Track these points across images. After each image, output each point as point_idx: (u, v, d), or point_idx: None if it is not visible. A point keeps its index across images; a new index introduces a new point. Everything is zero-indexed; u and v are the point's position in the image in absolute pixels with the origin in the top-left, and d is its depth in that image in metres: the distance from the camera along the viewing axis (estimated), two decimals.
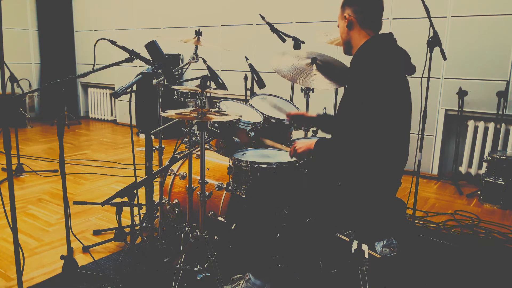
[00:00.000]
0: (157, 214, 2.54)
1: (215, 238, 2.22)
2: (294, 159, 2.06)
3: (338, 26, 1.91)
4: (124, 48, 2.00)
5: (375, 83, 1.67)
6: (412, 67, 1.86)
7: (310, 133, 2.80)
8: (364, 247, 2.20)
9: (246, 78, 3.84)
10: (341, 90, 2.10)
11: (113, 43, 2.01)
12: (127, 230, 2.68)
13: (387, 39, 1.80)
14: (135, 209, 2.69)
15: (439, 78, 4.05)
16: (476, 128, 4.00)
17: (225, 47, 2.53)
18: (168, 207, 2.49)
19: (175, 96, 2.71)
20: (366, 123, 1.67)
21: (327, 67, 2.43)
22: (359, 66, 1.76)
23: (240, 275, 2.07)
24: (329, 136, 2.02)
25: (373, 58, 1.73)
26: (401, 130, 1.81)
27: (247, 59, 2.99)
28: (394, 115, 1.73)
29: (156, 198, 2.54)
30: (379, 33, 1.84)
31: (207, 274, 1.97)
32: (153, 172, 1.79)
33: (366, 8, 1.81)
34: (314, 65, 2.42)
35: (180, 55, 5.89)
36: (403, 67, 1.81)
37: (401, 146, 1.82)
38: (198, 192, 2.00)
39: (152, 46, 1.87)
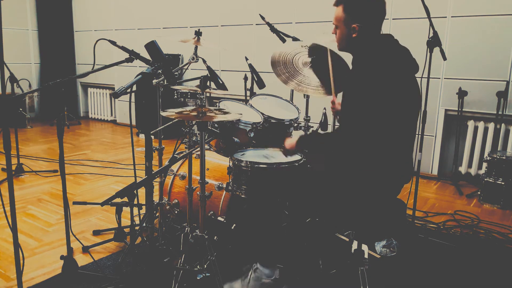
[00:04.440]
0: (157, 214, 2.54)
1: (215, 238, 2.22)
2: (294, 158, 2.07)
3: (337, 28, 1.87)
4: (124, 48, 2.00)
5: (381, 83, 1.66)
6: (415, 66, 1.85)
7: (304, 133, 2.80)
8: (364, 247, 2.20)
9: (246, 78, 3.83)
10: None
11: (113, 43, 2.01)
12: (127, 230, 2.68)
13: (390, 39, 1.80)
14: (135, 209, 2.69)
15: (439, 78, 4.05)
16: (476, 128, 3.99)
17: (225, 47, 2.51)
18: (168, 207, 2.48)
19: (175, 96, 2.70)
20: (370, 122, 1.66)
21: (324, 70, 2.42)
22: (364, 67, 1.74)
23: (248, 266, 2.07)
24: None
25: (379, 59, 1.72)
26: (406, 130, 1.80)
27: (247, 59, 2.99)
28: (399, 115, 1.73)
29: (156, 198, 2.54)
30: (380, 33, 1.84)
31: (207, 274, 1.97)
32: (153, 172, 1.79)
33: (372, 16, 1.77)
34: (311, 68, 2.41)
35: (180, 55, 5.89)
36: (408, 66, 1.80)
37: (405, 146, 1.81)
38: (198, 192, 2.00)
39: (152, 46, 1.86)
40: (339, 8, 1.79)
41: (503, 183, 3.41)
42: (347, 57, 2.05)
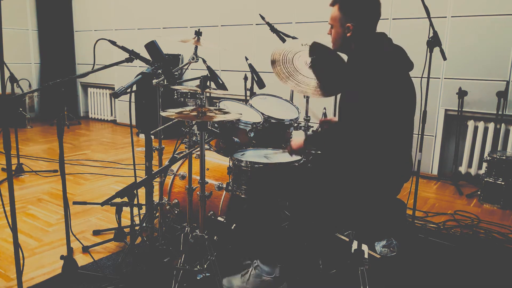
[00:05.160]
0: (157, 214, 2.54)
1: (215, 238, 2.22)
2: (294, 158, 2.07)
3: (332, 28, 1.88)
4: (124, 48, 2.00)
5: (375, 81, 1.66)
6: (410, 64, 1.85)
7: (310, 133, 2.80)
8: (364, 247, 2.20)
9: (246, 78, 3.83)
10: None
11: (113, 43, 2.01)
12: (127, 230, 2.68)
13: (383, 37, 1.81)
14: (135, 209, 2.69)
15: (439, 78, 4.05)
16: (476, 128, 3.99)
17: (225, 47, 2.51)
18: (168, 207, 2.48)
19: (175, 96, 2.71)
20: (367, 121, 1.67)
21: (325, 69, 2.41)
22: (358, 65, 1.75)
23: (248, 262, 2.07)
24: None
25: (372, 57, 1.73)
26: (403, 128, 1.80)
27: (247, 59, 2.99)
28: (395, 113, 1.73)
29: (155, 198, 2.54)
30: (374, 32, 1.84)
31: (207, 274, 1.97)
32: (153, 172, 1.79)
33: (367, 16, 1.79)
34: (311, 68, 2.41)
35: (180, 55, 5.89)
36: (402, 64, 1.81)
37: (403, 145, 1.81)
38: (198, 192, 2.00)
39: (152, 46, 1.86)
40: (334, 8, 1.83)
41: (503, 183, 3.41)
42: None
